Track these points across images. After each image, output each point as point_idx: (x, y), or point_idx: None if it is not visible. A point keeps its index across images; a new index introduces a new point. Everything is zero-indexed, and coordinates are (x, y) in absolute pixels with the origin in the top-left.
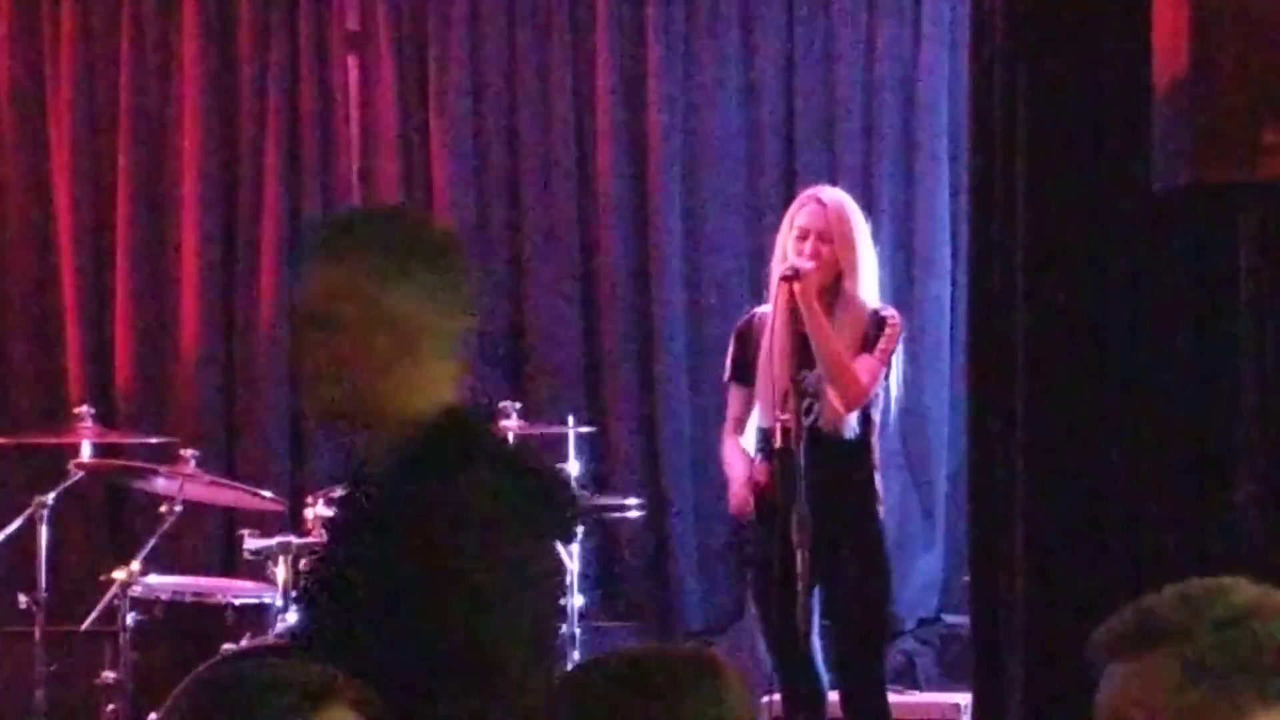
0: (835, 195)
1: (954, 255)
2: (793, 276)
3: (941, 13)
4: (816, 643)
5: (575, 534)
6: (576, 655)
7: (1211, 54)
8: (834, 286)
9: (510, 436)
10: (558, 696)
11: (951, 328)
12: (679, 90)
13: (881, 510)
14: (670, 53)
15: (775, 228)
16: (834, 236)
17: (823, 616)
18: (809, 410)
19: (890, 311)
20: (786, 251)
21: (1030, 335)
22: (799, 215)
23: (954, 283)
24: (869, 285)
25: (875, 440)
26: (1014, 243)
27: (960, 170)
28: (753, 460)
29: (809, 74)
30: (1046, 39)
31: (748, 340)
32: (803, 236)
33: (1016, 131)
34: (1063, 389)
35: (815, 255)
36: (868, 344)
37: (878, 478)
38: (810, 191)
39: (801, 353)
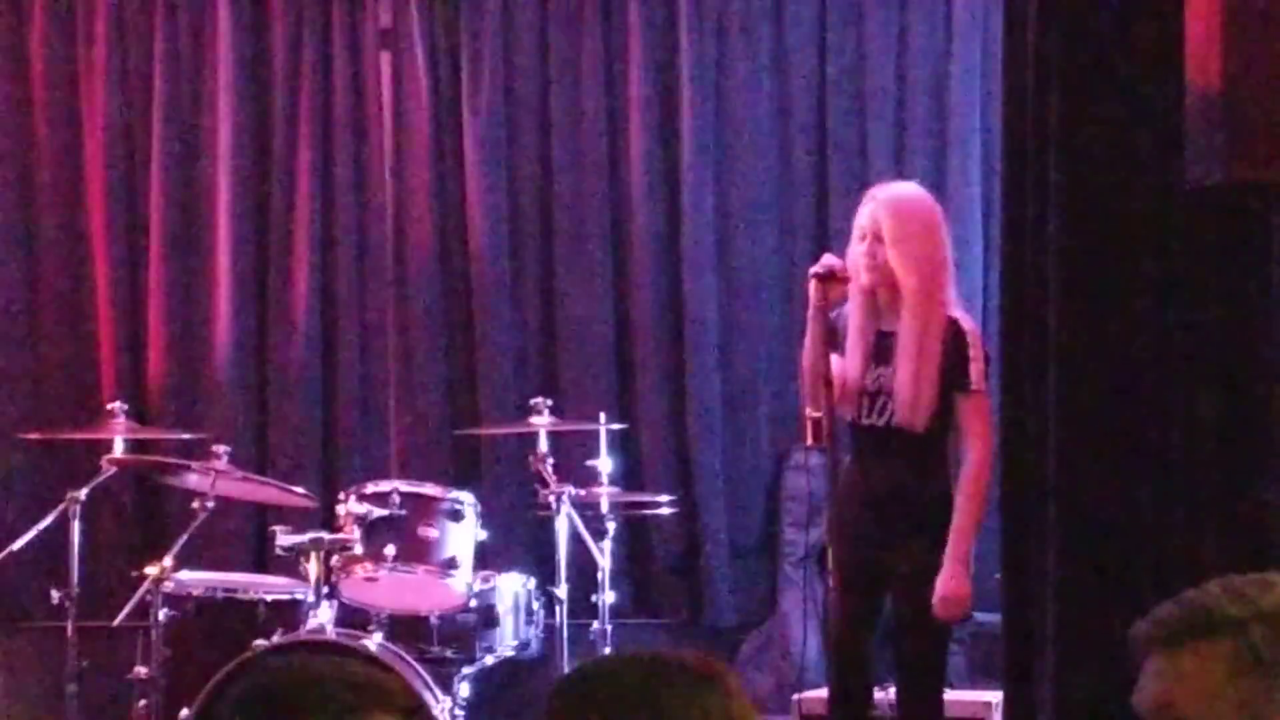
0: (890, 192)
1: (986, 250)
2: (825, 276)
3: (974, 9)
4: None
5: None
6: (608, 652)
7: (1244, 52)
8: (896, 291)
9: (542, 434)
10: (556, 701)
11: (984, 324)
12: (711, 87)
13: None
14: (702, 50)
15: (807, 225)
16: (891, 236)
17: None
18: (884, 409)
19: (970, 323)
20: (851, 252)
21: (1062, 333)
22: (860, 213)
23: (986, 278)
24: (940, 285)
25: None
26: (1046, 239)
27: (992, 166)
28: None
29: (841, 70)
30: (1079, 36)
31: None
32: (861, 237)
33: (1049, 127)
34: (1095, 386)
35: (872, 255)
36: (949, 365)
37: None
38: (872, 190)
39: (878, 351)
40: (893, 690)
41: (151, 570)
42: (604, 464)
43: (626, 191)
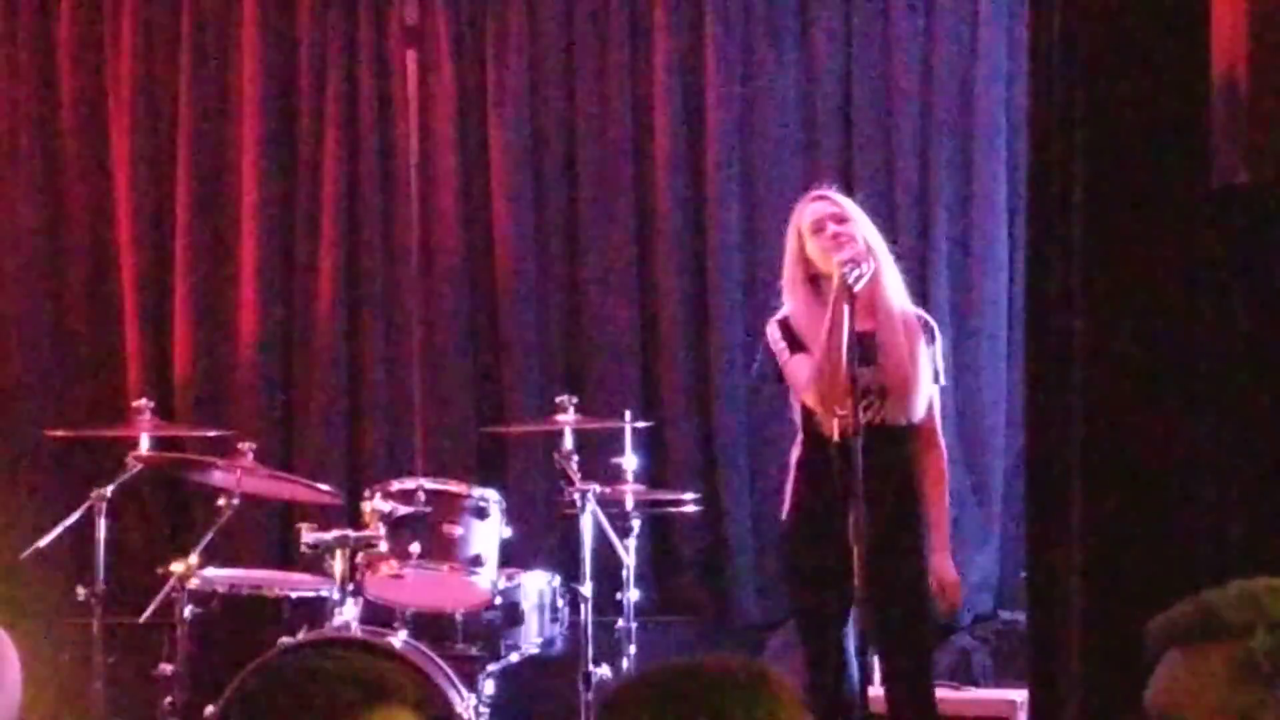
0: (833, 192)
1: (1011, 250)
2: (856, 274)
3: (999, 8)
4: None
5: None
6: (633, 649)
7: (1269, 52)
8: (870, 288)
9: (567, 431)
10: (608, 708)
11: (1009, 323)
12: (736, 84)
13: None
14: (728, 47)
15: None
16: (851, 216)
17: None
18: (868, 407)
19: (930, 318)
20: (806, 252)
21: (1088, 331)
22: (805, 214)
23: (1011, 278)
24: (899, 281)
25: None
26: (1072, 239)
27: (1018, 166)
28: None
29: (866, 66)
30: (1105, 35)
31: (789, 329)
32: (819, 229)
33: (1075, 126)
34: (1120, 385)
35: (841, 233)
36: (920, 356)
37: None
38: (807, 196)
39: (859, 348)
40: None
41: (177, 567)
42: (629, 461)
43: (652, 188)
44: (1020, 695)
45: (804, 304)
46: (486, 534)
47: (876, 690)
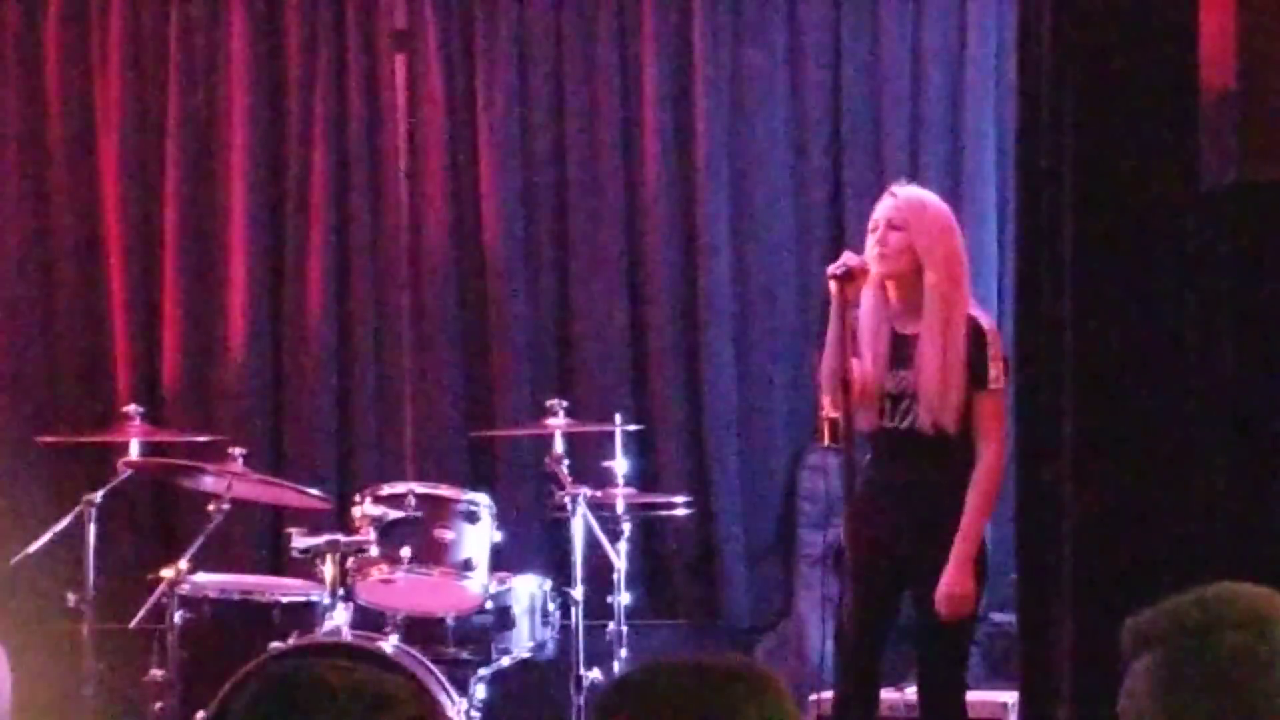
0: (911, 188)
1: (1001, 255)
2: (843, 276)
3: (988, 12)
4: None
5: None
6: (624, 653)
7: (1258, 53)
8: (915, 281)
9: (557, 435)
10: (605, 704)
11: (998, 323)
12: (725, 89)
13: None
14: (717, 49)
15: (823, 226)
16: (906, 223)
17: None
18: (906, 411)
19: (988, 321)
20: (867, 248)
21: (1078, 334)
22: (875, 210)
23: (1001, 278)
24: (958, 283)
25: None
26: (1061, 242)
27: (1007, 166)
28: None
29: (856, 70)
30: (1094, 37)
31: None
32: (874, 228)
33: (1064, 131)
34: (1110, 388)
35: (883, 243)
36: (971, 364)
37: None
38: (893, 187)
39: (897, 353)
40: (906, 691)
41: (167, 573)
42: (619, 465)
43: (642, 192)
44: (1011, 697)
45: (868, 297)
46: (477, 538)
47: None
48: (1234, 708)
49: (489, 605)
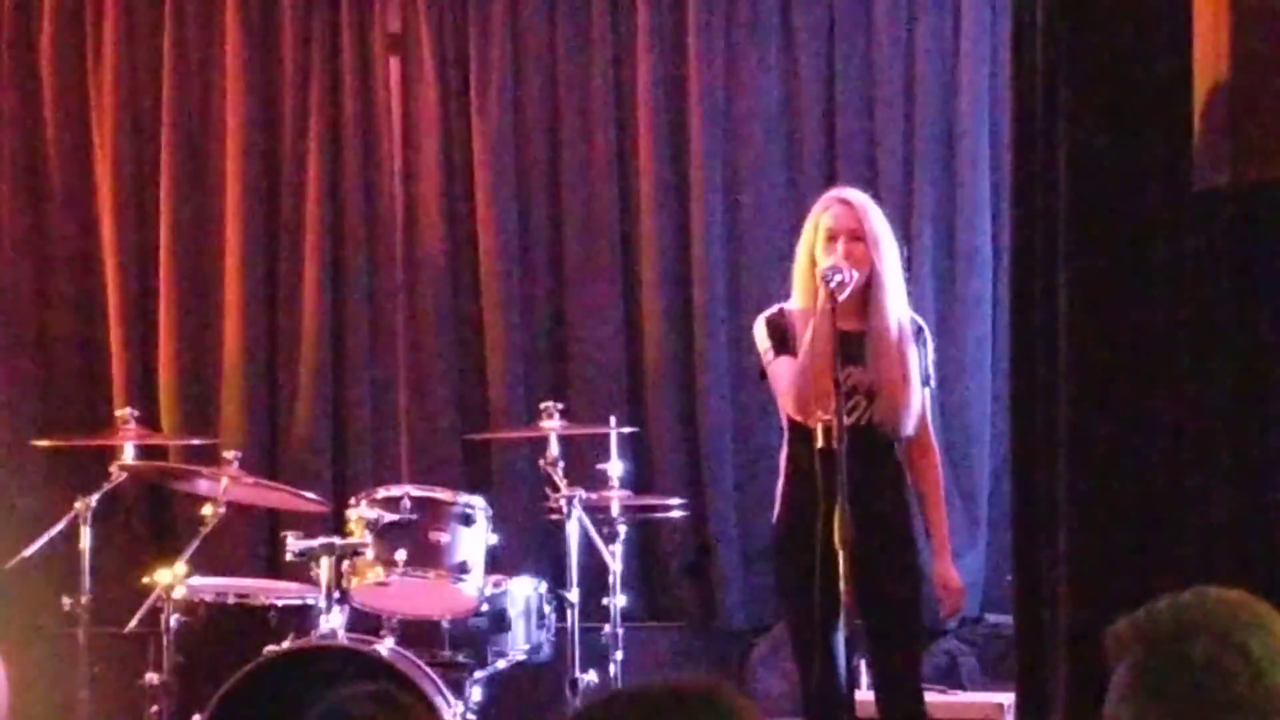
0: (859, 195)
1: (995, 253)
2: (837, 287)
3: (982, 12)
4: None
5: None
6: (619, 655)
7: (1251, 53)
8: (865, 289)
9: (552, 438)
10: None
11: (993, 325)
12: (719, 89)
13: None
14: (710, 53)
15: None
16: (865, 235)
17: (861, 619)
18: (854, 409)
19: (922, 321)
20: (816, 255)
21: (1073, 333)
22: (824, 218)
23: (996, 280)
24: (901, 286)
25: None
26: (1056, 241)
27: (1001, 168)
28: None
29: (849, 69)
30: (1087, 37)
31: (779, 327)
32: (832, 238)
33: (1057, 129)
34: (1106, 387)
35: (849, 256)
36: (910, 358)
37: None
38: (833, 193)
39: (844, 350)
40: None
41: (163, 576)
42: (614, 467)
43: (635, 195)
44: (1007, 698)
45: (809, 296)
46: (473, 541)
47: (863, 695)
48: (1203, 717)
49: (484, 608)
